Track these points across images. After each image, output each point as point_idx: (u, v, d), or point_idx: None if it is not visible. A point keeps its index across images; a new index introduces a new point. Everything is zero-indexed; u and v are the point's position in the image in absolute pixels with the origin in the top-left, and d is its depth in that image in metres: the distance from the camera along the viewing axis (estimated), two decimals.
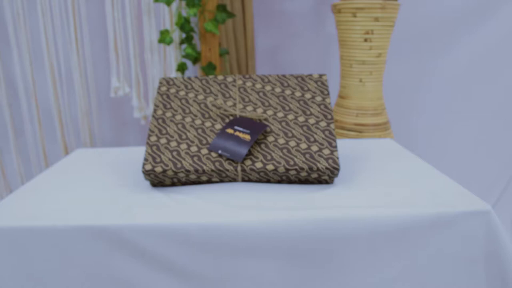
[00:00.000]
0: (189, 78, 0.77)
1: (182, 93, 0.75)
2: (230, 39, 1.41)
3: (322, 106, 0.72)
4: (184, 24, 1.16)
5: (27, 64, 1.26)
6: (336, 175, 0.65)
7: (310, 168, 0.63)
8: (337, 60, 1.53)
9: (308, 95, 0.73)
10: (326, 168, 0.63)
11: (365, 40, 1.22)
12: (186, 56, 1.20)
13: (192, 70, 1.43)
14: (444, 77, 1.61)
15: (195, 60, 1.23)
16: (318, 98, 0.73)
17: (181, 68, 1.20)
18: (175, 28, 1.21)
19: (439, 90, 1.63)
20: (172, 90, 0.76)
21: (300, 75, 0.77)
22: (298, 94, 0.74)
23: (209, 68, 1.19)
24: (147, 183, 0.69)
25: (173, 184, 0.67)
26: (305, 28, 1.52)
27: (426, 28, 1.54)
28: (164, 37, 1.16)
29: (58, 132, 1.32)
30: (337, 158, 0.64)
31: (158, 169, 0.64)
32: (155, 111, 0.73)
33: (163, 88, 0.76)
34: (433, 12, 1.52)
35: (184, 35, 1.23)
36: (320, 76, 0.77)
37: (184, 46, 1.25)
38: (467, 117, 1.65)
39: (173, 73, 1.23)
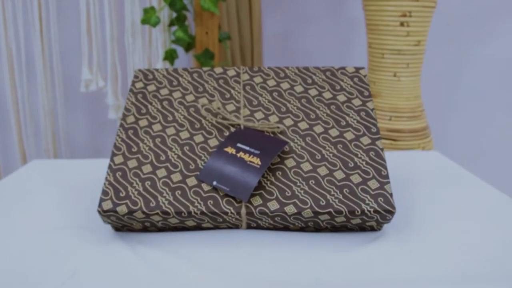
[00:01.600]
0: (176, 71, 0.59)
1: (164, 91, 0.57)
2: (232, 21, 1.24)
3: (362, 114, 0.53)
4: (174, 1, 0.98)
5: None
6: (389, 220, 0.46)
7: (351, 212, 0.45)
8: (362, 48, 1.37)
9: (342, 97, 0.55)
10: (375, 211, 0.45)
11: (401, 24, 1.06)
12: (177, 41, 1.03)
13: (184, 59, 1.27)
14: (487, 71, 1.43)
15: (188, 47, 1.06)
16: (357, 102, 0.54)
17: (170, 56, 1.03)
18: (163, 5, 1.03)
19: (482, 87, 1.46)
20: (151, 88, 0.57)
21: (329, 68, 0.58)
22: (327, 95, 0.55)
23: (206, 57, 1.02)
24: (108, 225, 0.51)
25: (145, 229, 0.49)
26: (323, 10, 1.40)
27: (467, 11, 1.38)
28: (148, 17, 0.99)
29: (14, 134, 1.14)
30: (391, 194, 0.46)
31: (122, 209, 0.46)
32: (124, 117, 0.54)
33: (139, 84, 0.58)
34: None
35: (174, 15, 1.05)
36: (357, 70, 0.58)
37: (174, 28, 1.07)
38: None
39: (160, 63, 1.06)
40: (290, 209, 0.45)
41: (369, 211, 0.45)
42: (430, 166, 0.72)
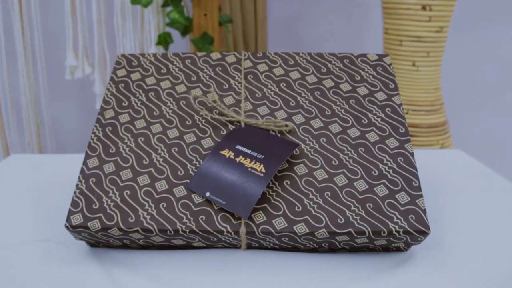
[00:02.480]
0: (165, 56, 0.51)
1: (151, 80, 0.49)
2: (234, 3, 1.18)
3: (388, 110, 0.46)
4: None
5: None
6: (420, 241, 0.39)
7: (376, 232, 0.37)
8: (376, 34, 1.30)
9: (363, 90, 0.47)
10: (405, 232, 0.37)
11: (423, 7, 0.99)
12: (172, 24, 0.96)
13: (180, 44, 1.20)
14: (509, 62, 1.36)
15: (185, 30, 0.98)
16: (381, 96, 0.47)
17: (164, 40, 0.95)
18: None
19: (502, 79, 1.38)
20: (135, 76, 0.50)
21: (347, 54, 0.50)
22: (345, 87, 0.48)
23: (204, 42, 0.94)
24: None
25: (125, 245, 0.42)
26: None
27: None
28: None
29: None
30: (424, 211, 0.38)
31: (94, 224, 0.38)
32: (102, 111, 0.47)
33: (121, 72, 0.50)
34: None
35: None
36: (381, 57, 0.51)
37: (168, 9, 1.00)
38: None
39: (153, 48, 0.98)
40: (301, 228, 0.37)
41: (398, 232, 0.37)
42: (456, 168, 0.65)
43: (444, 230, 0.46)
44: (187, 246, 0.41)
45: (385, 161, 0.42)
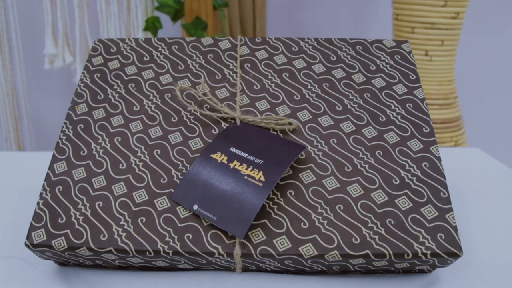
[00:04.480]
0: (148, 42, 0.46)
1: (131, 70, 0.44)
2: None
3: (409, 105, 0.41)
4: None
5: None
6: (449, 264, 0.34)
7: (399, 255, 0.32)
8: (386, 21, 1.26)
9: (379, 82, 0.42)
10: (433, 254, 0.32)
11: None
12: (161, 7, 0.91)
13: (171, 30, 1.15)
14: None
15: (176, 15, 0.93)
16: (400, 89, 0.42)
17: (152, 25, 0.91)
18: None
19: None
20: (114, 64, 0.44)
21: (360, 40, 0.45)
22: (359, 78, 0.42)
23: (196, 27, 0.89)
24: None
25: (98, 266, 0.36)
26: None
27: None
28: None
29: None
30: (455, 228, 0.33)
31: (59, 243, 0.33)
32: (73, 106, 0.42)
33: (97, 60, 0.45)
34: None
35: None
36: (399, 43, 0.46)
37: None
38: None
39: (140, 34, 0.93)
40: (308, 250, 0.32)
41: (425, 254, 0.32)
42: (476, 169, 0.61)
43: (475, 246, 0.41)
44: (172, 268, 0.36)
45: (407, 167, 0.36)
